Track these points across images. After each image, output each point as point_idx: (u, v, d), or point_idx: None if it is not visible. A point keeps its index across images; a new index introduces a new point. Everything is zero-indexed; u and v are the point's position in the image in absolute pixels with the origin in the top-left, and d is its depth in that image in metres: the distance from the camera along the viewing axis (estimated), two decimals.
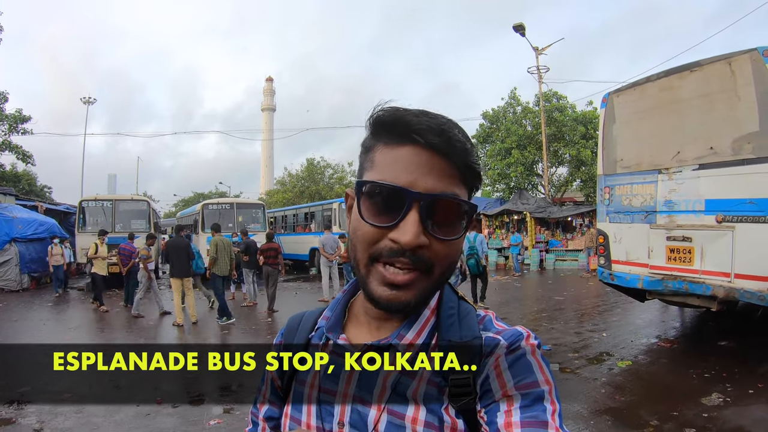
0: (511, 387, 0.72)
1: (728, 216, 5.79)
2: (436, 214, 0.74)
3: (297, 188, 39.90)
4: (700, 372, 5.84)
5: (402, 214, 0.73)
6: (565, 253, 20.48)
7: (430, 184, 0.73)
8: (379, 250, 0.75)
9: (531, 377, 0.73)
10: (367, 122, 0.81)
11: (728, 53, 5.92)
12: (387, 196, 0.74)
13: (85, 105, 39.65)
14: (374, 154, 0.79)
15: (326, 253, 13.02)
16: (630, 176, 7.07)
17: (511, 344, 0.76)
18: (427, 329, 0.82)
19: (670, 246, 6.47)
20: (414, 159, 0.74)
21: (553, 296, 12.68)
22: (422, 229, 0.73)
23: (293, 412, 0.88)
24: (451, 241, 0.76)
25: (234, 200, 21.70)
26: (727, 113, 5.91)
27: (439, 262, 0.76)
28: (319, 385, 0.85)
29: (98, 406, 5.37)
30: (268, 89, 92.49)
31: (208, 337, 9.23)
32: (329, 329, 0.88)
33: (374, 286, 0.76)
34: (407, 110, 0.77)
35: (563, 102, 26.87)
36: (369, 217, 0.75)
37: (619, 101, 7.34)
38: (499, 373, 0.74)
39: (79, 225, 17.31)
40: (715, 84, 6.03)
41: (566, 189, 29.44)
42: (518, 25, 21.91)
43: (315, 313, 0.97)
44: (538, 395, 0.71)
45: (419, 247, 0.73)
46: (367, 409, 0.79)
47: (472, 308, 0.85)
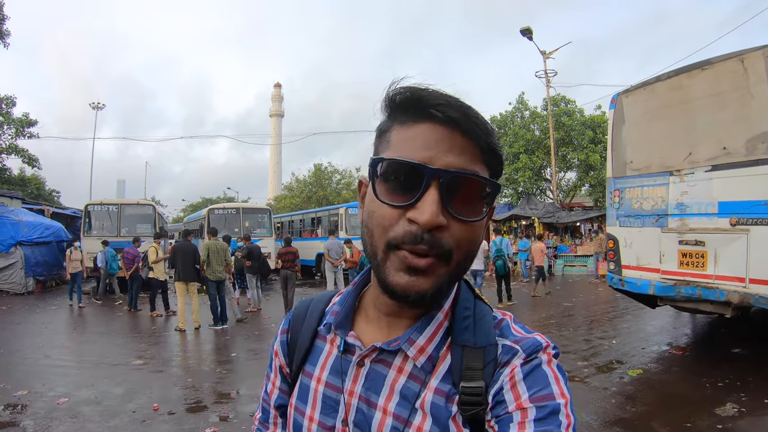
0: (525, 399, 0.69)
1: (742, 219, 5.60)
2: (456, 193, 0.70)
3: (304, 194, 40.04)
4: (713, 381, 5.67)
5: (420, 192, 0.68)
6: (573, 258, 20.26)
7: (450, 160, 0.69)
8: (397, 236, 0.70)
9: (547, 389, 0.69)
10: (382, 104, 0.77)
11: (740, 50, 5.75)
12: (404, 173, 0.70)
13: (94, 110, 39.91)
14: (390, 134, 0.75)
15: (331, 258, 12.92)
16: (640, 179, 6.90)
17: (529, 355, 0.73)
18: (439, 334, 0.78)
19: (682, 250, 6.27)
20: (433, 135, 0.70)
21: (562, 302, 12.48)
22: (442, 208, 0.68)
23: (298, 403, 0.87)
24: (472, 223, 0.71)
25: (240, 205, 21.71)
26: (740, 112, 5.73)
27: (458, 247, 0.71)
28: (325, 381, 0.84)
29: (94, 412, 5.31)
30: (277, 95, 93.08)
31: (209, 343, 9.11)
32: (337, 326, 0.84)
33: (391, 274, 0.71)
34: (424, 87, 0.73)
35: (571, 106, 26.68)
36: (385, 197, 0.71)
37: (628, 102, 7.17)
38: (514, 384, 0.71)
39: (84, 229, 17.37)
40: (726, 82, 5.85)
41: (575, 194, 29.26)
42: (526, 29, 21.75)
43: (323, 300, 0.94)
44: (554, 409, 0.68)
45: (438, 227, 0.68)
46: (372, 411, 0.77)
47: (489, 310, 0.82)
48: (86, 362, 7.51)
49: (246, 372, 6.97)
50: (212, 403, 5.59)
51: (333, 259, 12.96)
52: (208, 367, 7.23)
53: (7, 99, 20.83)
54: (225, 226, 18.85)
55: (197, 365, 7.45)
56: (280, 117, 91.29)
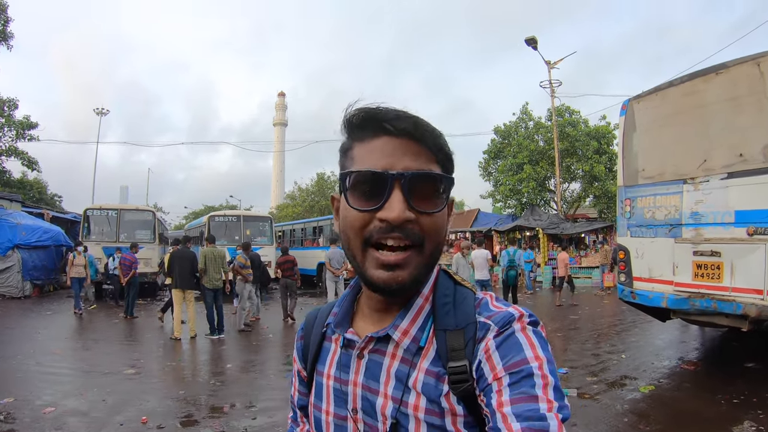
0: (500, 369, 0.73)
1: (760, 228, 5.37)
2: (417, 191, 0.78)
3: (307, 203, 39.99)
4: (728, 397, 5.44)
5: (386, 194, 0.77)
6: (578, 270, 19.99)
7: (407, 163, 0.78)
8: (370, 232, 0.79)
9: (519, 355, 0.73)
10: (341, 126, 0.86)
11: (756, 53, 5.56)
12: (370, 181, 0.79)
13: (98, 116, 39.86)
14: (352, 151, 0.84)
15: (332, 267, 12.71)
16: (653, 187, 6.68)
17: (501, 327, 0.78)
18: (421, 317, 0.85)
19: (697, 261, 6.04)
20: (389, 145, 0.80)
21: (568, 315, 12.22)
22: (407, 205, 0.77)
23: (315, 400, 0.95)
24: (435, 213, 0.80)
25: (241, 213, 21.54)
26: (757, 117, 5.52)
27: (428, 236, 0.80)
28: (333, 376, 0.91)
29: (80, 423, 5.14)
30: (280, 104, 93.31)
31: (204, 353, 8.89)
32: (337, 324, 0.93)
33: (371, 271, 0.80)
34: (375, 107, 0.82)
35: (576, 117, 26.52)
36: (357, 204, 0.80)
37: (639, 108, 6.97)
38: (489, 357, 0.75)
39: (83, 233, 17.09)
40: (743, 86, 5.65)
41: (579, 205, 29.05)
42: (530, 39, 21.63)
43: (328, 308, 1.01)
44: (527, 372, 0.71)
45: (407, 221, 0.77)
46: (375, 397, 0.84)
47: (470, 293, 0.87)
48: (78, 370, 7.34)
49: (240, 385, 6.72)
50: (204, 417, 5.37)
51: (334, 268, 12.74)
52: (202, 379, 7.01)
53: (9, 101, 20.78)
54: (225, 234, 18.70)
55: (191, 376, 7.23)
56: (283, 126, 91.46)
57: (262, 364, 7.98)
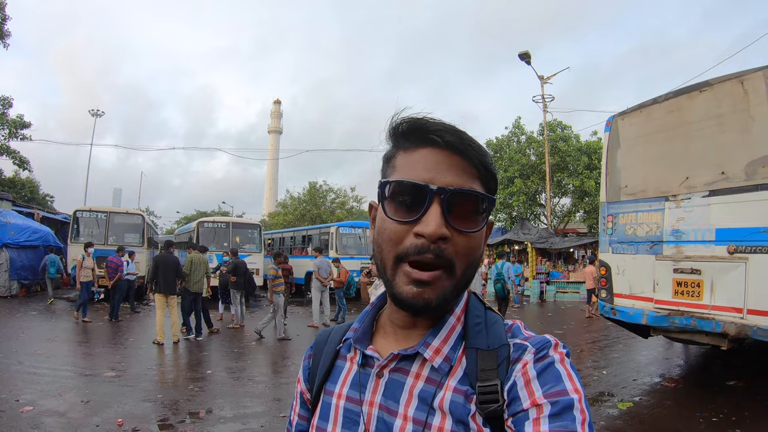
0: (540, 396, 0.71)
1: (741, 246, 5.37)
2: (456, 208, 0.77)
3: (298, 211, 39.91)
4: (708, 415, 5.43)
5: (424, 208, 0.76)
6: (566, 285, 20.02)
7: (449, 179, 0.77)
8: (405, 248, 0.77)
9: (560, 386, 0.71)
10: (387, 133, 0.85)
11: (740, 71, 5.58)
12: (409, 193, 0.77)
13: (93, 117, 39.62)
14: (395, 160, 0.83)
15: (320, 276, 12.66)
16: (635, 204, 6.69)
17: (539, 350, 0.76)
18: (453, 337, 0.83)
19: (677, 279, 6.03)
20: (432, 158, 0.78)
21: (553, 329, 12.20)
22: (444, 221, 0.75)
23: (319, 422, 0.89)
24: (472, 234, 0.78)
25: (230, 219, 21.52)
26: (740, 135, 5.55)
27: (460, 258, 0.78)
28: (346, 395, 0.87)
29: (57, 423, 5.11)
30: (276, 111, 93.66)
31: (185, 358, 8.81)
32: (357, 340, 0.89)
33: (400, 286, 0.78)
34: (423, 117, 0.81)
35: (568, 132, 26.75)
36: (393, 214, 0.78)
37: (624, 124, 6.99)
38: (528, 381, 0.73)
39: (72, 235, 16.96)
40: (726, 104, 5.68)
41: (569, 220, 29.15)
42: (524, 53, 21.78)
43: (343, 327, 0.99)
44: (568, 404, 0.69)
45: (442, 239, 0.75)
46: (392, 418, 0.80)
47: (499, 318, 0.86)
48: (58, 371, 7.28)
49: (219, 391, 6.67)
50: (179, 421, 5.38)
51: (322, 278, 12.69)
52: (181, 384, 6.97)
53: (3, 100, 20.65)
54: (214, 240, 18.69)
55: (170, 381, 7.20)
56: (278, 134, 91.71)
57: (242, 371, 7.91)
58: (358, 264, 13.95)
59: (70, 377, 6.94)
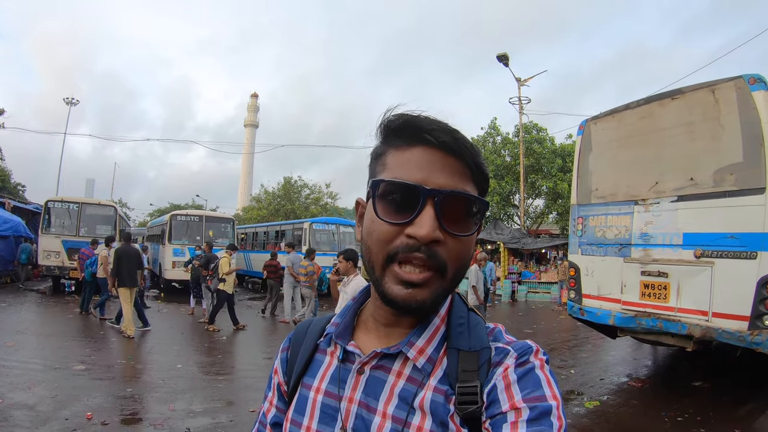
0: (519, 399, 0.71)
1: (707, 251, 5.51)
2: (449, 210, 0.76)
3: (272, 206, 39.59)
4: (673, 415, 5.55)
5: (418, 210, 0.74)
6: (537, 285, 20.24)
7: (442, 180, 0.76)
8: (396, 248, 0.76)
9: (539, 391, 0.72)
10: (377, 129, 0.84)
11: (712, 81, 5.71)
12: (401, 193, 0.76)
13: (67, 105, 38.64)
14: (386, 157, 0.81)
15: (294, 272, 12.62)
16: (605, 207, 6.81)
17: (521, 356, 0.77)
18: (437, 337, 0.82)
19: (644, 281, 6.16)
20: (426, 157, 0.77)
21: (523, 329, 12.31)
22: (437, 224, 0.74)
23: (294, 415, 0.88)
24: (464, 237, 0.77)
25: (203, 213, 21.24)
26: (710, 143, 5.68)
27: (452, 261, 0.77)
28: (324, 390, 0.86)
29: (25, 417, 5.05)
30: (253, 105, 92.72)
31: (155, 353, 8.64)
32: (338, 335, 0.89)
33: (390, 286, 0.77)
34: (417, 114, 0.79)
35: (543, 134, 27.04)
36: (385, 215, 0.77)
37: (596, 129, 7.09)
38: (508, 385, 0.74)
39: (43, 226, 16.48)
40: (697, 112, 5.80)
41: (542, 221, 29.51)
42: (502, 55, 21.89)
43: (323, 320, 0.98)
44: (546, 409, 0.70)
45: (435, 242, 0.75)
46: (371, 416, 0.79)
47: (481, 320, 0.86)
48: (28, 363, 7.14)
49: (188, 385, 6.62)
50: (148, 415, 5.36)
51: (296, 273, 12.65)
52: (151, 378, 6.88)
53: None
54: (187, 234, 18.47)
55: (140, 374, 7.10)
56: (254, 127, 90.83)
57: (211, 366, 7.84)
58: (331, 260, 13.95)
59: (39, 370, 6.83)
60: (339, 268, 6.09)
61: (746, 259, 5.16)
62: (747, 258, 5.15)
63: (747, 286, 5.13)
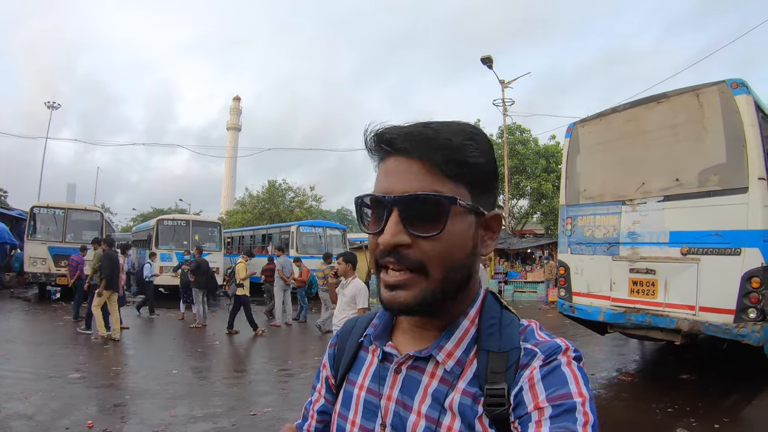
0: (542, 399, 0.72)
1: (693, 248, 5.73)
2: (414, 214, 0.77)
3: (257, 209, 39.41)
4: (663, 407, 5.71)
5: (385, 218, 0.78)
6: (523, 284, 20.45)
7: (406, 186, 0.77)
8: (377, 256, 0.81)
9: (564, 389, 0.72)
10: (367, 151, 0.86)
11: (696, 85, 5.93)
12: (372, 206, 0.82)
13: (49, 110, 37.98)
14: (377, 173, 0.84)
15: (284, 275, 12.68)
16: (593, 207, 6.99)
17: (548, 356, 0.77)
18: (467, 340, 0.83)
19: (633, 278, 6.36)
20: (392, 167, 0.80)
21: None
22: (402, 228, 0.77)
23: (342, 409, 0.93)
24: (432, 237, 0.77)
25: (190, 217, 21.17)
26: (694, 145, 5.90)
27: (432, 261, 0.77)
28: (367, 387, 0.91)
29: (25, 427, 4.99)
30: (235, 108, 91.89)
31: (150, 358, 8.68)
32: (376, 337, 0.93)
33: (381, 290, 0.81)
34: (385, 127, 0.82)
35: (526, 135, 27.24)
36: (366, 227, 0.83)
37: (584, 131, 7.28)
38: (532, 385, 0.74)
39: (29, 232, 16.23)
40: (682, 116, 6.02)
41: (527, 221, 29.74)
42: (486, 58, 22.08)
43: (367, 318, 1.01)
44: (570, 407, 0.70)
45: (400, 246, 0.77)
46: (407, 414, 0.82)
47: (515, 318, 0.87)
48: (21, 372, 7.06)
49: (186, 391, 6.62)
50: (149, 422, 5.31)
51: (286, 276, 12.73)
52: (147, 384, 6.85)
53: None
54: (174, 238, 18.37)
55: (136, 381, 7.06)
56: (236, 130, 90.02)
57: (208, 371, 7.87)
58: (319, 263, 14.01)
59: (33, 379, 6.75)
60: (338, 270, 6.18)
61: (731, 255, 5.38)
62: (731, 254, 5.38)
63: (732, 281, 5.35)
